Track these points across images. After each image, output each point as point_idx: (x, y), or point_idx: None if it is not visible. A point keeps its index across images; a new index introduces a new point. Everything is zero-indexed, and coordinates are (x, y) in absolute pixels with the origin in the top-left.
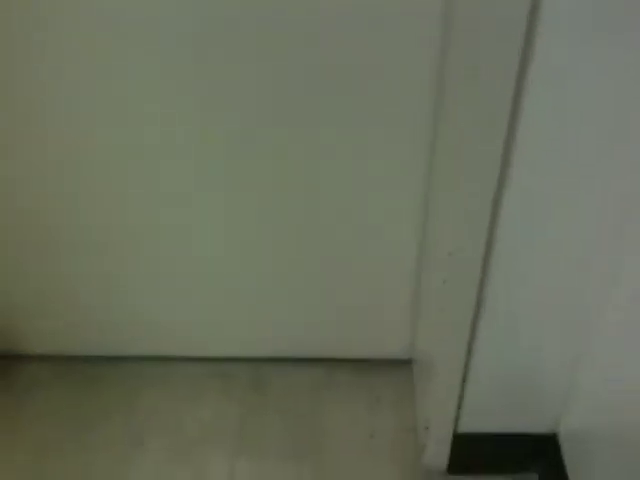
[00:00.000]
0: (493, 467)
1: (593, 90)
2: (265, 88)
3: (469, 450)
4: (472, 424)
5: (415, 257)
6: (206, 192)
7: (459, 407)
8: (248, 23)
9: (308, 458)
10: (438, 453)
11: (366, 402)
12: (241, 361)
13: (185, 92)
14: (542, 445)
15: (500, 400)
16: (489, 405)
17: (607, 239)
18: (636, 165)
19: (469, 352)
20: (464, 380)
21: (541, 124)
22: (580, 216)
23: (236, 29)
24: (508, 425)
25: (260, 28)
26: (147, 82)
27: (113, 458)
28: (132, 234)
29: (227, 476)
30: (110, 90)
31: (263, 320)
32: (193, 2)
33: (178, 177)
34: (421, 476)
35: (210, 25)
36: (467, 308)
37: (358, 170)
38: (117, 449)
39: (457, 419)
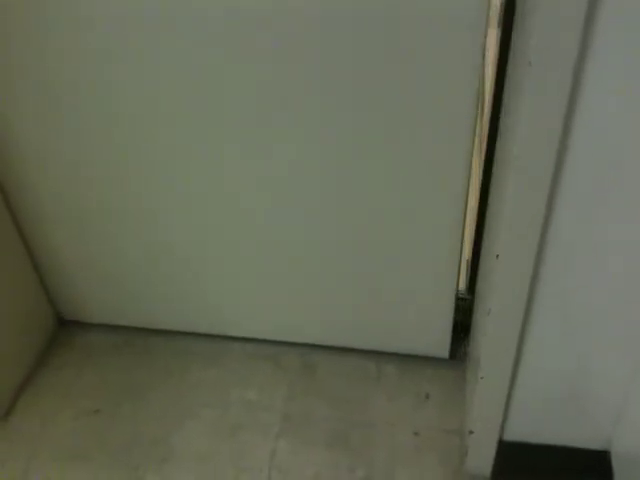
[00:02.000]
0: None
1: None
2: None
3: (515, 459)
4: (519, 433)
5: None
6: (268, 189)
7: (505, 414)
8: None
9: (348, 447)
10: (482, 459)
11: (414, 399)
12: (292, 346)
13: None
14: (592, 462)
15: (549, 411)
16: (538, 415)
17: None
18: None
19: (517, 358)
20: (511, 387)
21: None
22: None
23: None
24: (557, 438)
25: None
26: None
27: (160, 427)
28: (196, 216)
29: (268, 456)
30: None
31: (316, 307)
32: None
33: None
34: None
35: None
36: (516, 313)
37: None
38: (164, 419)
39: (503, 426)
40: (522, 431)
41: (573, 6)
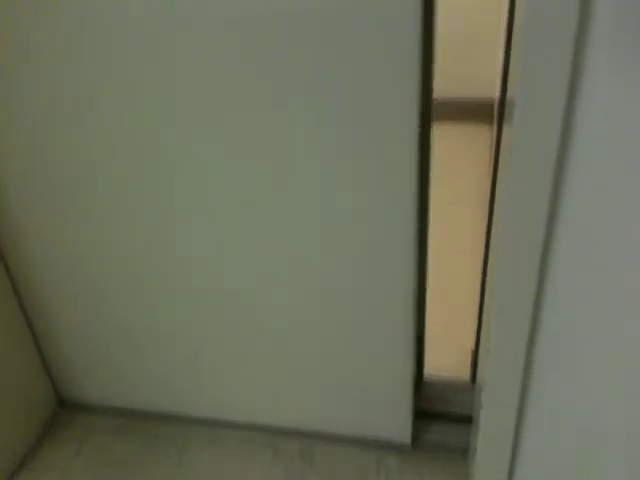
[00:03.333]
0: None
1: None
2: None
3: None
4: None
5: None
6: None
7: None
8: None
9: None
10: None
11: None
12: (290, 432)
13: None
14: None
15: None
16: None
17: None
18: None
19: (514, 454)
20: None
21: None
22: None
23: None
24: None
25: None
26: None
27: None
28: (197, 299)
29: None
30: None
31: (316, 395)
32: None
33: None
34: None
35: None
36: (508, 409)
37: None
38: None
39: None
40: None
41: (549, 104)
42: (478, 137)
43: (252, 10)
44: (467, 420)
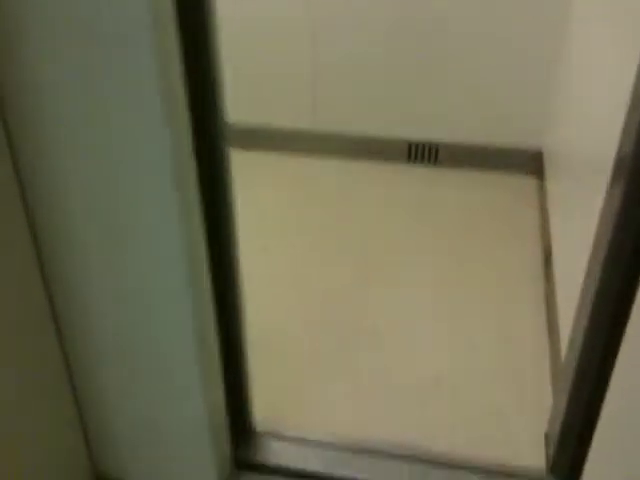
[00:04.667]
0: None
1: None
2: None
3: None
4: None
5: None
6: None
7: None
8: None
9: None
10: None
11: None
12: None
13: None
14: None
15: None
16: None
17: None
18: None
19: None
20: None
21: None
22: None
23: None
24: None
25: None
26: None
27: None
28: None
29: None
30: None
31: None
32: None
33: None
34: None
35: None
36: None
37: None
38: None
39: None
40: None
41: None
42: (525, 191)
43: None
44: None
